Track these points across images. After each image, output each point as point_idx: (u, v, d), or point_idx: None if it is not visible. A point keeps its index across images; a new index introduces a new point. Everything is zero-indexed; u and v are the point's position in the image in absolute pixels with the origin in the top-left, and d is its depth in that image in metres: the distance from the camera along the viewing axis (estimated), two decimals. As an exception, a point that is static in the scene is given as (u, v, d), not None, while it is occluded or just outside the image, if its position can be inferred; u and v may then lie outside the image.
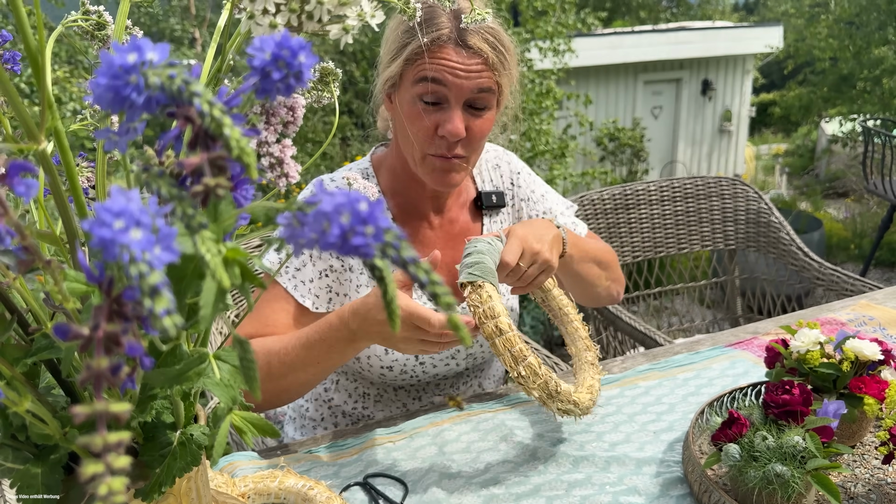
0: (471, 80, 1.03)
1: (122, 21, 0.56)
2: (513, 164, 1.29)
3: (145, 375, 0.40)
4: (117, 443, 0.26)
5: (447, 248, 1.22)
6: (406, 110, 1.06)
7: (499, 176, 1.28)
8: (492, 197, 1.25)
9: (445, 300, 0.28)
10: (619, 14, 14.96)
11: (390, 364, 1.16)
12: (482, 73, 1.03)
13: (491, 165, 1.28)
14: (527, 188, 1.28)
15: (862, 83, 7.09)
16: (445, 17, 1.02)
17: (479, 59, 1.02)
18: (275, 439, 0.55)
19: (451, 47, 1.01)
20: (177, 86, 0.28)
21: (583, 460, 0.97)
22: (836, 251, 5.65)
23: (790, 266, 1.94)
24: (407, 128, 1.07)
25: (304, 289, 1.11)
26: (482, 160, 1.28)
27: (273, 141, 0.43)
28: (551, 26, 5.24)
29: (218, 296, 0.32)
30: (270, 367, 1.01)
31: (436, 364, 1.18)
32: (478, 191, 1.26)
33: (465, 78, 1.02)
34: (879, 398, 0.89)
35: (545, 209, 1.28)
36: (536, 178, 1.31)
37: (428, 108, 1.04)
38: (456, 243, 1.23)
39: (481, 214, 1.26)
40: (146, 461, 0.49)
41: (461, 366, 1.22)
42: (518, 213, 1.28)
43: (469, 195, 1.26)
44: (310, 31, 0.41)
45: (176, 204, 0.28)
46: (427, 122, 1.05)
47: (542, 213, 1.28)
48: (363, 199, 0.29)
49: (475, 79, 1.03)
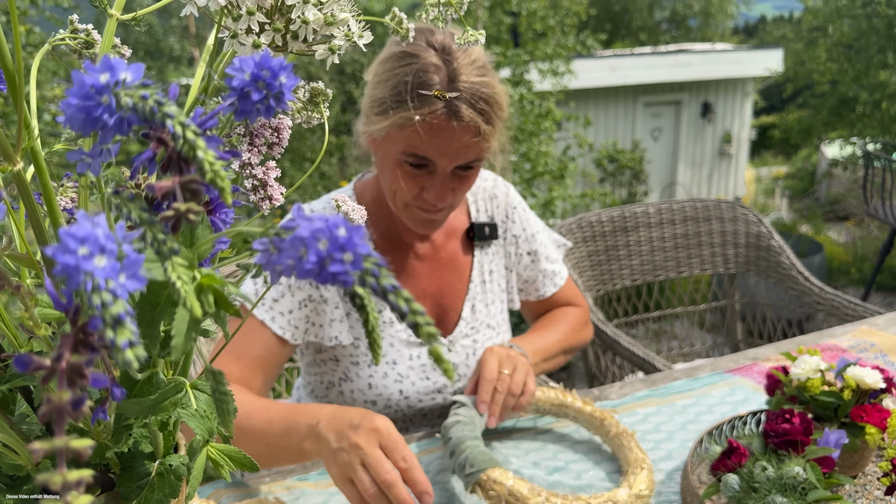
0: (459, 157, 0.99)
1: (108, 39, 0.55)
2: (510, 196, 1.26)
3: (119, 405, 0.38)
4: (77, 481, 0.25)
5: (433, 277, 1.19)
6: (389, 167, 1.03)
7: (494, 207, 1.24)
8: (485, 229, 1.21)
9: (427, 331, 0.26)
10: (619, 36, 15.09)
11: (374, 398, 1.13)
12: (472, 147, 0.99)
13: (488, 195, 1.24)
14: (520, 225, 1.25)
15: (861, 107, 7.12)
16: (438, 86, 0.96)
17: (470, 133, 0.98)
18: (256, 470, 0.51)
19: (444, 123, 0.96)
20: (149, 107, 0.27)
21: (580, 490, 0.95)
22: (836, 275, 5.64)
23: (791, 291, 1.92)
24: (389, 181, 1.05)
25: (282, 320, 1.06)
26: (478, 188, 1.25)
27: (257, 163, 0.42)
28: (551, 48, 5.27)
29: (191, 324, 0.31)
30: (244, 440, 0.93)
31: (422, 399, 1.15)
32: (471, 221, 1.23)
33: (454, 155, 0.99)
34: (881, 427, 0.87)
35: (531, 250, 1.26)
36: (531, 216, 1.28)
37: (412, 171, 1.01)
38: (443, 272, 1.20)
39: (472, 245, 1.23)
40: (123, 492, 0.48)
41: (447, 400, 1.19)
42: (508, 247, 1.25)
43: (459, 222, 1.23)
44: (295, 52, 0.41)
45: (146, 229, 0.27)
46: (411, 183, 1.02)
47: (528, 252, 1.26)
48: (342, 224, 0.27)
49: (464, 154, 1.00)
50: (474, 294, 1.21)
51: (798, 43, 8.32)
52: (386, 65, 1.00)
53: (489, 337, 1.21)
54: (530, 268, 1.27)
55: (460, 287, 1.21)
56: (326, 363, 1.15)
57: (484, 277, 1.22)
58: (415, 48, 0.98)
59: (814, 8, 7.81)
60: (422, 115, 0.95)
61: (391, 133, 0.99)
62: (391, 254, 1.17)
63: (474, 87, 0.97)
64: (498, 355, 1.05)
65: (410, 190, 1.02)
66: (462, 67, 0.97)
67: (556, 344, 1.19)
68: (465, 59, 0.98)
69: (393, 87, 0.98)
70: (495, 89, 1.00)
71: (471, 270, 1.21)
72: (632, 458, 0.91)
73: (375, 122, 1.00)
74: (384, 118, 0.99)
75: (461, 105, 0.96)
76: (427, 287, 1.19)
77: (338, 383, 1.15)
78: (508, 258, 1.25)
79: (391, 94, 0.97)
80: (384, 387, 1.13)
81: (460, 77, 0.96)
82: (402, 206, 1.07)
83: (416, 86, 0.95)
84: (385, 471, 0.77)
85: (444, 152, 0.98)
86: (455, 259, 1.21)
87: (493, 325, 1.22)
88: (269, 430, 0.91)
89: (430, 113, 0.95)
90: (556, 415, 1.04)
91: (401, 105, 0.96)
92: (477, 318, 1.20)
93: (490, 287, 1.23)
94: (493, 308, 1.23)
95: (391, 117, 0.98)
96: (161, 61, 8.98)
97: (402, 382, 1.13)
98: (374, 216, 1.16)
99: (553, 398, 1.04)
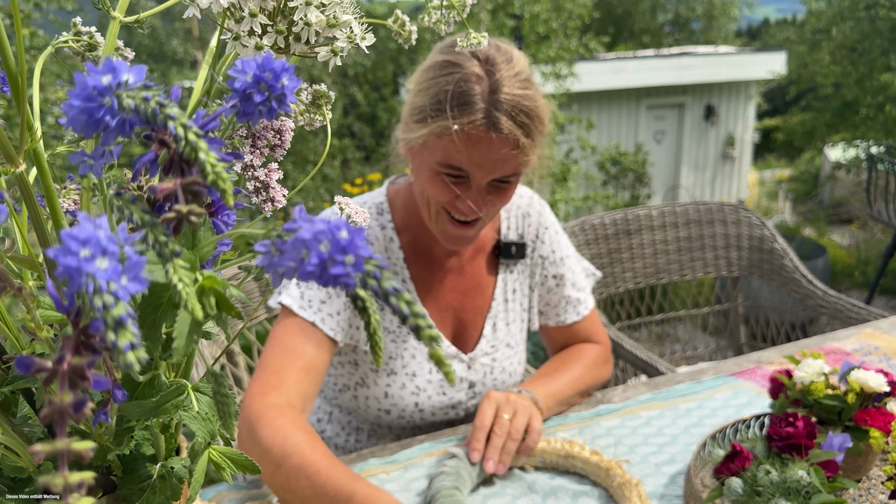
0: (497, 169, 0.98)
1: (111, 41, 0.55)
2: (544, 216, 1.22)
3: (121, 407, 0.38)
4: (78, 483, 0.25)
5: (457, 291, 1.17)
6: (425, 174, 1.01)
7: (526, 225, 1.21)
8: (511, 248, 1.18)
9: (428, 334, 0.26)
10: (622, 39, 15.08)
11: (388, 408, 1.13)
12: (510, 161, 0.97)
13: (521, 213, 1.21)
14: (549, 246, 1.22)
15: (865, 109, 7.11)
16: (479, 96, 0.94)
17: (509, 145, 0.96)
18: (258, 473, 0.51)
19: (482, 134, 0.94)
20: (151, 108, 0.27)
21: (582, 495, 0.95)
22: (840, 278, 5.62)
23: (794, 293, 1.92)
24: (423, 189, 1.03)
25: (332, 322, 1.05)
26: (512, 204, 1.21)
27: (259, 165, 0.42)
28: (554, 51, 5.28)
29: (192, 327, 0.31)
30: (277, 469, 0.90)
31: (435, 412, 1.15)
32: (499, 238, 1.20)
33: (490, 168, 0.97)
34: (885, 431, 0.87)
35: (557, 273, 1.22)
36: (563, 240, 1.24)
37: (449, 180, 0.99)
38: (467, 288, 1.18)
39: (498, 263, 1.20)
40: (124, 495, 0.48)
41: (460, 415, 1.18)
42: (534, 268, 1.22)
43: (488, 239, 1.20)
44: (298, 54, 0.41)
45: (147, 231, 0.27)
46: (446, 191, 1.00)
47: (554, 275, 1.22)
48: (344, 226, 0.27)
49: (501, 167, 0.98)
50: (496, 312, 1.19)
51: (801, 45, 8.31)
52: (428, 73, 0.99)
53: (507, 356, 1.20)
54: (554, 291, 1.23)
55: (482, 304, 1.19)
56: (344, 366, 1.15)
57: (507, 296, 1.20)
58: (458, 57, 0.96)
59: (817, 10, 7.81)
60: (460, 125, 0.93)
61: (429, 142, 0.98)
62: (417, 264, 1.14)
63: (516, 99, 0.95)
64: (496, 401, 1.03)
65: (444, 195, 1.00)
66: (505, 79, 0.95)
67: (569, 385, 1.15)
68: (509, 72, 0.96)
69: (433, 95, 0.96)
70: (537, 103, 0.98)
71: (494, 288, 1.19)
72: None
73: (414, 130, 0.99)
74: (423, 126, 0.97)
75: (501, 116, 0.94)
76: (450, 301, 1.17)
77: (353, 387, 1.14)
78: (533, 278, 1.23)
79: (431, 103, 0.96)
80: (400, 398, 1.12)
81: (502, 88, 0.94)
82: (435, 216, 1.04)
83: (456, 95, 0.94)
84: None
85: (480, 164, 0.97)
86: (480, 275, 1.19)
87: (512, 344, 1.21)
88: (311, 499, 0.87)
89: (468, 123, 0.93)
90: (562, 467, 1.00)
91: (440, 114, 0.95)
92: (497, 336, 1.19)
93: (512, 306, 1.21)
94: (513, 327, 1.21)
95: (429, 125, 0.96)
96: (164, 64, 9.01)
97: (419, 395, 1.12)
98: (403, 223, 1.14)
99: (559, 449, 1.00)
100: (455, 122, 0.93)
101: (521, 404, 1.03)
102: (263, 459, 0.90)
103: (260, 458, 0.91)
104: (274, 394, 0.96)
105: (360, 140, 7.18)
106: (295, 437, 0.90)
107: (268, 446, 0.89)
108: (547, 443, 1.02)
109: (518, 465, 1.02)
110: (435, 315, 1.16)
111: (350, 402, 1.16)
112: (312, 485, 0.86)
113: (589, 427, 1.11)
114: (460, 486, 0.93)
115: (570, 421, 1.13)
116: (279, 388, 0.97)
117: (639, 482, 0.92)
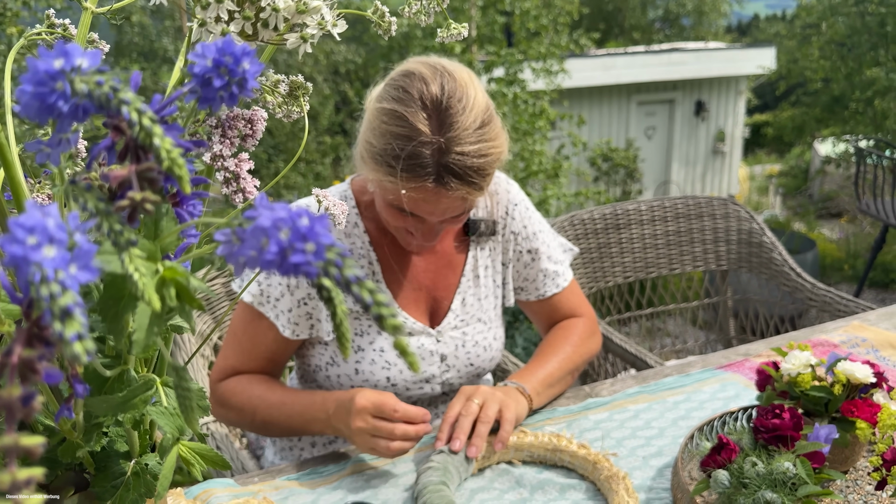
0: (447, 213, 1.00)
1: (83, 32, 0.54)
2: (512, 193, 1.23)
3: (87, 403, 0.37)
4: (27, 480, 0.24)
5: (429, 270, 1.19)
6: (380, 204, 1.04)
7: (494, 203, 1.22)
8: (480, 225, 1.19)
9: (391, 323, 0.25)
10: (612, 35, 15.10)
11: (360, 384, 1.14)
12: (461, 205, 1.00)
13: (489, 191, 1.22)
14: (520, 222, 1.23)
15: (854, 104, 7.14)
16: (429, 159, 0.94)
17: (459, 199, 0.98)
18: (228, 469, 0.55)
19: (431, 192, 0.96)
20: (104, 93, 0.26)
21: (569, 488, 0.94)
22: (830, 272, 5.65)
23: (783, 287, 1.92)
24: (378, 205, 1.06)
25: (284, 318, 1.09)
26: None
27: (229, 155, 0.41)
28: (544, 47, 5.27)
29: (153, 319, 0.30)
30: (254, 421, 1.11)
31: (409, 387, 1.15)
32: (469, 216, 1.22)
33: (441, 214, 1.00)
34: (872, 422, 0.87)
35: (532, 248, 1.23)
36: (534, 215, 1.25)
37: (405, 217, 1.02)
38: (438, 266, 1.20)
39: (469, 241, 1.21)
40: (97, 493, 0.47)
41: (436, 390, 1.18)
42: (506, 244, 1.23)
43: None
44: (266, 41, 0.40)
45: (101, 219, 0.26)
46: (400, 220, 1.03)
47: (528, 250, 1.23)
48: (305, 213, 0.27)
49: (452, 211, 1.00)
50: (465, 288, 1.20)
51: (791, 41, 8.33)
52: (380, 116, 0.97)
53: (480, 330, 1.21)
54: (530, 266, 1.24)
55: (453, 281, 1.20)
56: (315, 346, 1.16)
57: (478, 273, 1.21)
58: (407, 108, 0.94)
59: (807, 5, 7.83)
60: (408, 189, 0.95)
61: (381, 182, 0.99)
62: (388, 246, 1.16)
63: (466, 159, 0.94)
64: (465, 393, 1.04)
65: (398, 222, 1.03)
66: (455, 138, 0.94)
67: (559, 368, 1.16)
68: (462, 123, 0.95)
69: (384, 145, 0.96)
70: (490, 155, 0.97)
71: (464, 265, 1.21)
72: (616, 501, 0.87)
73: (367, 162, 1.00)
74: (375, 167, 0.98)
75: (450, 179, 0.94)
76: (423, 280, 1.18)
77: (324, 367, 1.16)
78: (506, 254, 1.24)
79: (381, 152, 0.96)
80: (371, 373, 1.13)
81: (454, 149, 0.94)
82: (394, 230, 1.08)
83: (405, 158, 0.94)
84: (389, 430, 0.95)
85: (431, 212, 0.99)
86: (451, 253, 1.21)
87: (484, 319, 1.22)
88: (291, 424, 1.08)
89: (417, 186, 0.95)
90: (550, 461, 1.00)
91: (391, 169, 0.95)
92: (468, 311, 1.20)
93: (484, 282, 1.22)
94: (485, 303, 1.22)
95: (380, 173, 0.97)
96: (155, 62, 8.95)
97: (390, 370, 1.13)
98: (370, 208, 1.15)
99: (547, 443, 1.00)
100: (403, 186, 0.95)
101: (491, 395, 1.03)
102: (240, 419, 1.12)
103: (238, 420, 1.13)
104: (233, 377, 1.14)
105: (351, 138, 7.17)
106: (255, 390, 1.10)
107: (239, 408, 1.10)
108: (535, 437, 1.01)
109: (506, 460, 1.02)
110: (409, 294, 1.18)
111: (325, 382, 1.17)
112: (285, 413, 1.07)
113: (577, 421, 1.10)
114: (448, 480, 0.92)
115: (558, 415, 1.12)
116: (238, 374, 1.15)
117: (626, 475, 0.92)
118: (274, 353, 1.14)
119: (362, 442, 0.97)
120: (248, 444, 1.47)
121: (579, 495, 0.93)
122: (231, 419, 1.15)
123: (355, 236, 1.15)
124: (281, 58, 6.63)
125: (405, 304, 1.17)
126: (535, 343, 3.62)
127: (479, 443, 0.97)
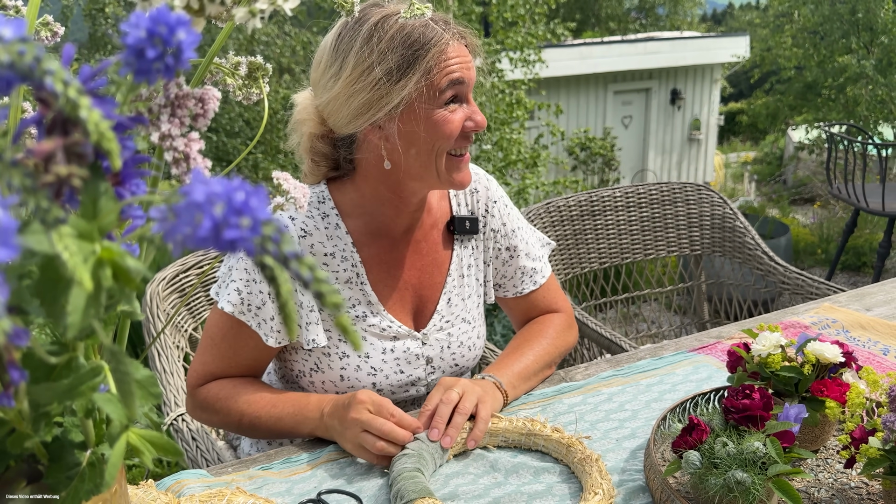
0: (471, 71, 1.05)
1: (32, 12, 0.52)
2: (491, 190, 1.24)
3: (31, 390, 0.36)
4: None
5: (414, 268, 1.17)
6: (434, 120, 1.02)
7: (475, 201, 1.22)
8: (465, 223, 1.20)
9: (332, 300, 0.25)
10: (589, 25, 15.13)
11: (345, 390, 1.12)
12: (472, 68, 1.06)
13: (469, 189, 1.22)
14: (500, 219, 1.23)
15: (826, 91, 7.23)
16: (439, 27, 1.01)
17: (467, 50, 1.05)
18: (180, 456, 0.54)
19: (456, 45, 1.02)
20: (27, 63, 0.25)
21: (543, 472, 0.94)
22: (803, 256, 5.72)
23: (756, 271, 1.94)
24: (431, 140, 1.03)
25: (266, 327, 1.07)
26: None
27: (178, 134, 0.39)
28: (521, 37, 5.26)
29: (89, 300, 0.29)
30: (240, 424, 1.09)
31: (395, 391, 1.14)
32: (452, 214, 1.22)
33: (470, 69, 1.05)
34: (841, 401, 0.88)
35: (510, 245, 1.24)
36: (512, 212, 1.26)
37: (456, 108, 1.04)
38: (424, 265, 1.18)
39: (453, 239, 1.21)
40: (51, 484, 0.46)
41: (421, 392, 1.18)
42: (487, 242, 1.23)
43: (443, 215, 1.21)
44: (213, 15, 0.38)
45: (27, 196, 0.25)
46: (457, 121, 1.04)
47: (507, 248, 1.24)
48: (241, 187, 0.26)
49: (473, 69, 1.06)
50: (451, 288, 1.19)
51: (764, 29, 8.41)
52: (372, 41, 0.99)
53: (464, 331, 1.20)
54: (509, 263, 1.25)
55: (439, 280, 1.19)
56: (298, 352, 1.14)
57: (462, 272, 1.21)
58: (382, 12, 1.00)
59: (780, -7, 7.90)
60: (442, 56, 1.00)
61: (420, 87, 1.00)
62: (372, 245, 1.14)
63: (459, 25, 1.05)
64: (443, 385, 1.03)
65: (458, 125, 1.04)
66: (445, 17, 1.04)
67: (535, 361, 1.16)
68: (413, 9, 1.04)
69: (402, 51, 0.99)
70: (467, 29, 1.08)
71: (450, 264, 1.20)
72: (589, 482, 0.88)
73: (396, 93, 1.00)
74: (406, 77, 0.99)
75: (459, 34, 1.03)
76: (409, 279, 1.17)
77: (308, 373, 1.14)
78: (487, 252, 1.24)
79: (404, 56, 0.99)
80: (356, 379, 1.11)
81: (449, 20, 1.04)
82: (445, 169, 1.06)
83: (427, 36, 0.99)
84: (380, 425, 0.94)
85: (467, 66, 1.03)
86: (437, 252, 1.19)
87: (468, 319, 1.21)
88: (280, 426, 1.06)
89: (447, 49, 1.00)
90: (524, 445, 1.00)
91: (420, 51, 0.99)
92: (453, 311, 1.19)
93: (468, 281, 1.22)
94: (469, 302, 1.22)
95: (417, 72, 0.99)
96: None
97: (376, 375, 1.12)
98: (356, 208, 1.12)
99: (521, 427, 1.00)
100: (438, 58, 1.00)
101: (470, 388, 1.03)
102: (225, 421, 1.10)
103: (222, 423, 1.11)
104: (214, 382, 1.12)
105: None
106: (241, 393, 1.09)
107: (224, 411, 1.09)
108: (509, 421, 1.01)
109: (481, 445, 1.01)
110: (395, 293, 1.16)
111: (308, 388, 1.15)
112: (274, 415, 1.06)
113: (551, 405, 1.10)
114: (422, 467, 0.92)
115: (532, 399, 1.12)
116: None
117: (599, 457, 0.92)
118: (255, 360, 1.12)
119: (352, 435, 0.96)
120: (223, 434, 1.46)
121: (553, 478, 0.93)
122: (214, 422, 1.13)
123: (337, 238, 1.11)
124: (258, 48, 6.55)
125: (391, 306, 1.15)
126: (514, 332, 3.62)
127: (453, 433, 0.97)
